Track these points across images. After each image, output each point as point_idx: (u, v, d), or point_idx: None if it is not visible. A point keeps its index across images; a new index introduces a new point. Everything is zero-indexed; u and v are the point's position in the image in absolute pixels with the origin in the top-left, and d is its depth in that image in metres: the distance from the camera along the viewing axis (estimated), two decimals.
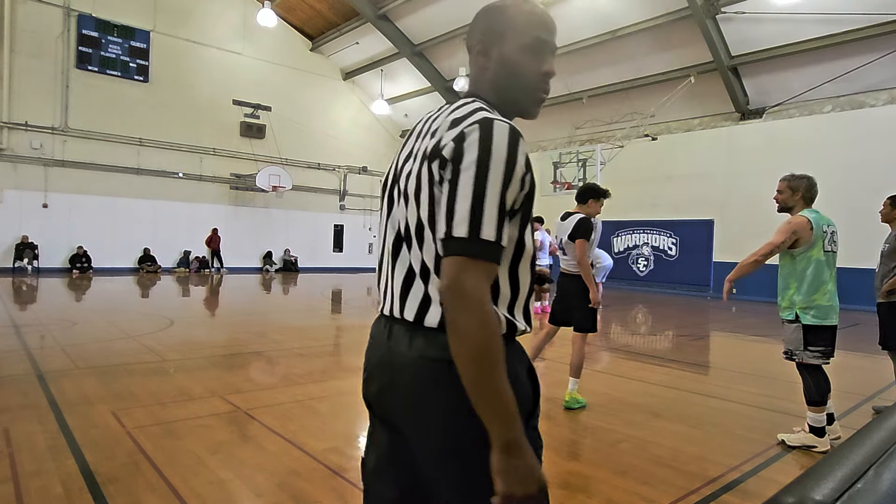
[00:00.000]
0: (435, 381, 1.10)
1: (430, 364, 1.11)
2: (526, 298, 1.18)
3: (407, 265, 1.17)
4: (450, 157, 1.06)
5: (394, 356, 1.18)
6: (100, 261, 17.55)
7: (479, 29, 1.28)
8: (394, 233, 1.21)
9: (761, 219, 14.83)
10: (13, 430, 3.54)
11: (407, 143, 1.28)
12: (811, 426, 3.69)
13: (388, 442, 1.27)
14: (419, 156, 1.16)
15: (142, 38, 18.30)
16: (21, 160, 16.25)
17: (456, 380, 1.02)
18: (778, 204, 3.99)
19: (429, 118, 1.26)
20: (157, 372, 5.33)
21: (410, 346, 1.15)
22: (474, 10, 5.50)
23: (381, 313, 1.29)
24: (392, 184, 1.26)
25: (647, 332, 9.76)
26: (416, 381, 1.13)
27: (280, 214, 21.89)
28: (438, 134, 1.12)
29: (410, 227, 1.16)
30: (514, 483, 0.99)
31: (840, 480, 0.58)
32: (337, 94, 23.51)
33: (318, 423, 3.95)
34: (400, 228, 1.19)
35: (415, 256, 1.15)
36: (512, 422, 0.99)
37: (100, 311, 9.40)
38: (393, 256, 1.22)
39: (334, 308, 11.80)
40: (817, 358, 3.65)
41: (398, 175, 1.23)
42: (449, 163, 1.06)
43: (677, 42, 15.05)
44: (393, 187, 1.25)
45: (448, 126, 1.11)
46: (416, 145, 1.21)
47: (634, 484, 3.04)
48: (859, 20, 12.29)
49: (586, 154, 16.35)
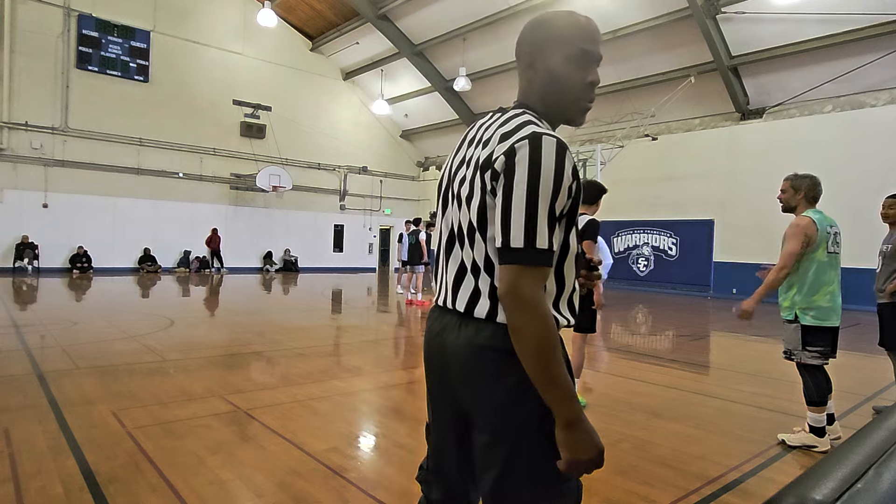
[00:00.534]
0: (479, 368, 1.22)
1: (477, 351, 1.22)
2: (570, 294, 1.27)
3: (459, 261, 1.28)
4: (502, 171, 1.15)
5: (445, 342, 1.30)
6: (100, 261, 17.56)
7: (525, 42, 1.36)
8: (448, 232, 1.32)
9: (762, 219, 14.88)
10: (13, 430, 3.54)
11: (461, 148, 1.37)
12: (811, 426, 3.69)
13: (444, 416, 1.39)
14: (472, 164, 1.26)
15: (142, 38, 18.31)
16: (21, 160, 16.26)
17: (497, 367, 1.18)
18: (781, 203, 3.87)
19: (482, 125, 1.35)
20: (157, 372, 5.33)
21: (459, 334, 1.26)
22: (474, 11, 5.64)
23: (436, 304, 1.40)
24: (447, 187, 1.37)
25: (648, 331, 9.76)
26: (463, 366, 1.25)
27: (280, 214, 21.90)
28: (490, 146, 1.22)
29: (463, 228, 1.26)
30: (578, 451, 1.12)
31: (840, 480, 0.58)
32: (337, 94, 23.52)
33: (319, 424, 3.95)
34: (454, 228, 1.30)
35: (466, 254, 1.26)
36: (572, 402, 1.12)
37: (100, 311, 9.40)
38: (447, 253, 1.33)
39: (334, 308, 11.80)
40: (816, 358, 3.64)
41: (452, 179, 1.33)
42: (501, 175, 1.15)
43: (677, 42, 15.05)
44: (448, 190, 1.35)
45: (499, 139, 1.20)
46: (469, 152, 1.31)
47: (634, 484, 3.04)
48: (860, 20, 12.29)
49: (586, 154, 16.34)
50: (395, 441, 3.65)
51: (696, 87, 15.16)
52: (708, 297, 15.69)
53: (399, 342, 7.80)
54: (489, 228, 1.19)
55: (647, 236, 17.55)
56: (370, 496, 2.81)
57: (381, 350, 7.16)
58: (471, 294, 1.24)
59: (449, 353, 1.28)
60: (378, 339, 7.91)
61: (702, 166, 16.20)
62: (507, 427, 1.19)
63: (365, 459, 3.38)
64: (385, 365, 6.22)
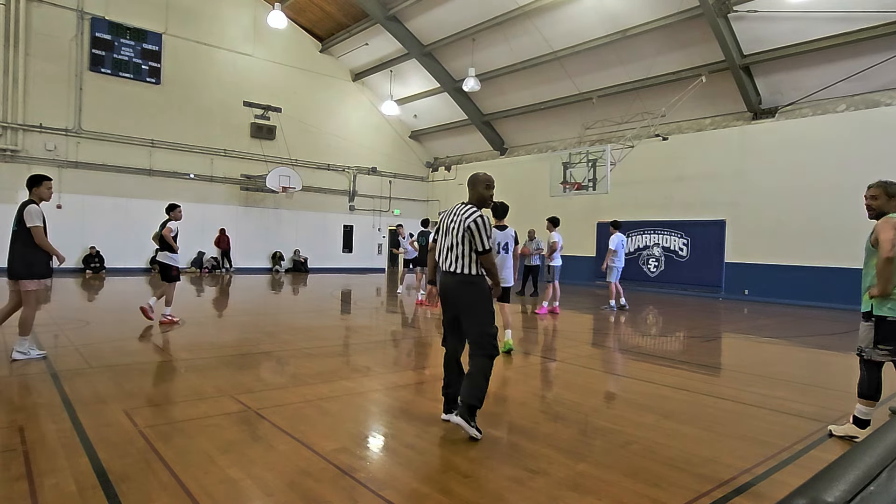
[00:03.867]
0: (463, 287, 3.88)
1: (460, 283, 3.87)
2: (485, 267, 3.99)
3: (456, 254, 3.89)
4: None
5: (449, 282, 3.89)
6: (112, 261, 17.74)
7: (470, 181, 4.10)
8: (447, 244, 3.97)
9: (774, 219, 14.74)
10: (28, 429, 3.59)
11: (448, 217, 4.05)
12: (856, 417, 3.88)
13: (451, 312, 3.98)
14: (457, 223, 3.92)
15: (154, 41, 18.49)
16: (35, 161, 16.46)
17: (470, 286, 3.86)
18: (871, 210, 4.03)
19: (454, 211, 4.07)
20: (168, 371, 5.38)
21: (454, 277, 3.86)
22: (483, 11, 5.72)
23: (443, 270, 3.95)
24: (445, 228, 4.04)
25: (658, 333, 9.69)
26: (459, 288, 3.88)
27: (290, 215, 22.01)
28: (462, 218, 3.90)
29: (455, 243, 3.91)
30: (496, 291, 4.05)
31: (853, 483, 0.58)
32: (346, 95, 23.60)
33: (328, 424, 3.96)
34: (453, 244, 3.91)
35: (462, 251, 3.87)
36: (498, 279, 4.14)
37: (112, 311, 9.50)
38: (446, 251, 3.96)
39: (343, 308, 11.84)
40: (885, 356, 3.85)
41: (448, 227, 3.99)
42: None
43: (688, 41, 14.95)
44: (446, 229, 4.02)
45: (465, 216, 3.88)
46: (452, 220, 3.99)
47: (645, 486, 3.03)
48: (873, 18, 12.13)
49: (596, 154, 16.26)
50: (404, 441, 3.65)
51: (707, 87, 15.04)
52: (719, 298, 15.56)
53: (408, 342, 7.81)
54: (468, 246, 3.84)
55: (658, 237, 17.44)
56: (379, 496, 2.82)
57: (389, 350, 7.17)
58: (462, 266, 3.85)
59: (451, 286, 3.88)
60: (387, 340, 7.92)
61: (713, 166, 16.08)
62: (469, 301, 3.88)
63: (374, 459, 3.39)
64: (394, 365, 6.23)
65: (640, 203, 17.71)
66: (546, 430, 3.99)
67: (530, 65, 18.41)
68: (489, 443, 3.67)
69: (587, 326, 10.11)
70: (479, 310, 3.81)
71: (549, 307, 10.98)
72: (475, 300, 3.82)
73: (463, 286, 3.83)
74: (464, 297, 3.83)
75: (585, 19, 16.05)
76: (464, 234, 3.78)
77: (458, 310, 3.88)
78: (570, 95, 18.68)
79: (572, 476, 3.14)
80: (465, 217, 3.80)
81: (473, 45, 18.76)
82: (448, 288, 3.90)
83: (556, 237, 11.13)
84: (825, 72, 13.61)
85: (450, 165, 25.31)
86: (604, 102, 17.71)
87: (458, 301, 3.86)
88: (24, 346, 5.57)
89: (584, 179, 16.45)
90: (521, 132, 21.95)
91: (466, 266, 3.83)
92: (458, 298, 3.86)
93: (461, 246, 3.82)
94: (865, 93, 13.46)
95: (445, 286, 3.92)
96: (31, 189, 5.64)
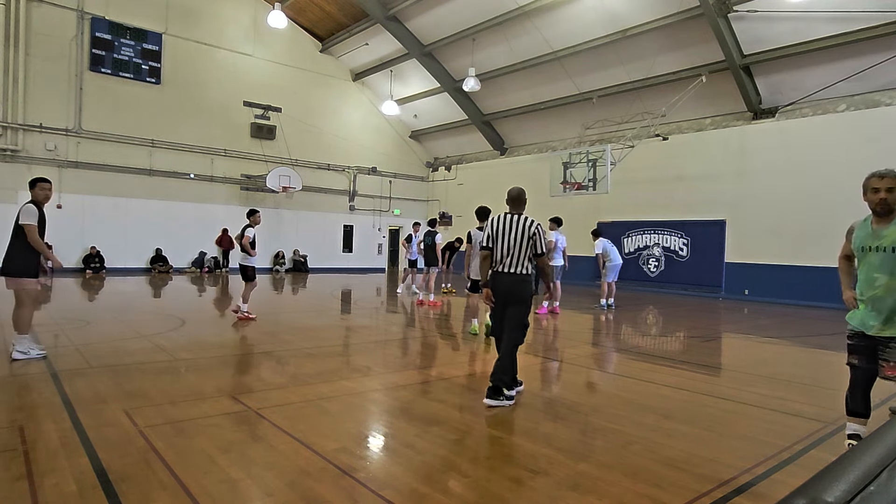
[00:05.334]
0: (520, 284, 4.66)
1: (520, 280, 4.63)
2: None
3: (515, 256, 4.64)
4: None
5: (507, 280, 4.60)
6: (112, 261, 17.74)
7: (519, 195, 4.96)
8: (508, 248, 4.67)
9: (774, 219, 14.74)
10: (28, 429, 3.59)
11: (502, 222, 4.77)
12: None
13: (503, 308, 4.70)
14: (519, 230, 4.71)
15: (154, 41, 18.49)
16: (35, 161, 16.46)
17: (524, 284, 4.64)
18: (885, 206, 3.23)
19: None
20: (168, 371, 5.38)
21: (512, 276, 4.59)
22: (483, 11, 5.72)
23: (500, 271, 4.63)
24: (501, 234, 4.75)
25: (658, 333, 9.69)
26: (516, 285, 4.63)
27: (290, 215, 22.01)
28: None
29: (517, 248, 4.66)
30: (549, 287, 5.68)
31: (853, 482, 0.57)
32: (346, 95, 23.60)
33: (328, 424, 3.96)
34: (510, 248, 4.64)
35: (521, 255, 4.64)
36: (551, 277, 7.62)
37: (112, 311, 9.50)
38: (508, 256, 4.66)
39: (344, 308, 11.84)
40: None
41: (502, 233, 4.75)
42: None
43: (688, 41, 14.94)
44: (501, 236, 4.74)
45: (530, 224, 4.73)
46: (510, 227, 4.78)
47: (645, 486, 3.03)
48: (873, 18, 12.13)
49: (596, 154, 16.25)
50: (404, 441, 3.65)
51: (707, 87, 15.04)
52: (719, 298, 15.55)
53: (408, 343, 7.81)
54: (528, 250, 4.64)
55: (658, 237, 17.43)
56: (379, 496, 2.82)
57: (390, 350, 7.17)
58: (521, 266, 4.61)
59: (506, 283, 4.61)
60: (387, 340, 7.92)
61: (713, 166, 16.07)
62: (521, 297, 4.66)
63: (374, 459, 3.39)
64: (394, 365, 6.23)
65: (640, 203, 17.70)
66: (546, 430, 3.99)
67: (530, 65, 18.41)
68: (489, 443, 3.67)
69: (587, 326, 10.10)
70: (526, 304, 4.63)
71: (549, 307, 10.98)
72: (525, 296, 4.62)
73: (519, 283, 4.58)
74: (518, 292, 4.58)
75: (585, 19, 16.04)
76: (528, 239, 4.55)
77: (509, 303, 4.61)
78: (570, 95, 18.68)
79: (572, 476, 3.14)
80: (528, 226, 4.58)
81: (473, 44, 18.75)
82: (504, 284, 4.60)
83: (554, 237, 11.10)
84: (825, 72, 13.60)
85: (450, 165, 25.31)
86: (604, 102, 17.70)
87: (511, 295, 4.59)
88: (24, 346, 5.57)
89: (584, 179, 16.45)
90: (521, 132, 21.95)
91: (523, 267, 4.58)
92: (512, 294, 4.58)
93: (522, 250, 4.55)
94: (865, 93, 13.45)
95: (502, 283, 4.60)
96: (30, 191, 5.74)
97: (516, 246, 4.55)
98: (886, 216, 3.26)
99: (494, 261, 4.65)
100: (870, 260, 3.30)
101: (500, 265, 4.61)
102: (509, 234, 4.57)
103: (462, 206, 23.67)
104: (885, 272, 3.21)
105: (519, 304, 4.59)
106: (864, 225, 3.39)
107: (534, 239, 4.56)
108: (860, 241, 3.37)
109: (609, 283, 12.12)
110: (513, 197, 4.77)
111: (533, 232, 4.56)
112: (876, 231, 3.29)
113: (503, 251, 4.59)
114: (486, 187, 22.98)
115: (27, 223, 5.50)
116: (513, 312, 4.61)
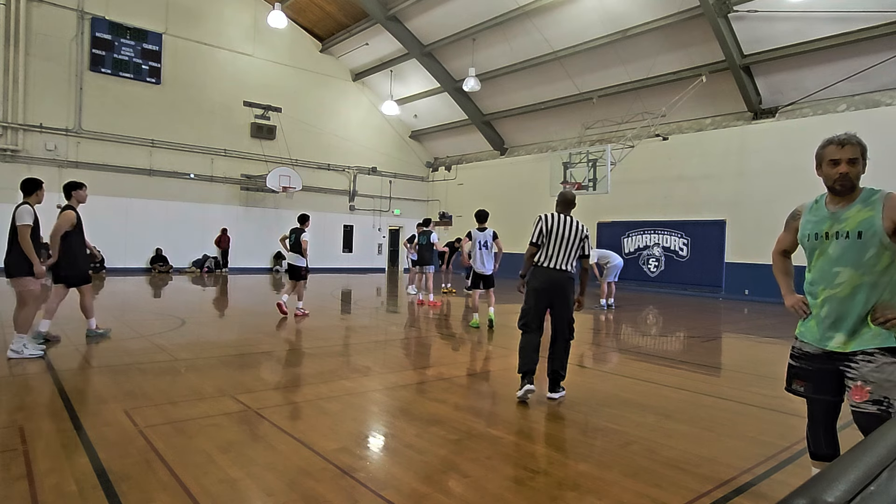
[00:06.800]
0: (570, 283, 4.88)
1: (569, 279, 4.84)
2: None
3: (566, 256, 4.84)
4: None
5: (557, 277, 4.78)
6: (112, 261, 17.73)
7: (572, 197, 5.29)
8: (562, 248, 4.85)
9: (774, 219, 14.68)
10: (28, 428, 3.59)
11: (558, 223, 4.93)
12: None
13: (547, 303, 4.88)
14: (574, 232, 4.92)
15: (154, 41, 18.49)
16: (36, 161, 16.47)
17: (571, 282, 4.86)
18: (846, 181, 2.52)
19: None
20: (168, 371, 5.38)
21: (563, 274, 4.79)
22: (483, 11, 5.71)
23: (549, 266, 4.78)
24: (558, 234, 4.91)
25: (658, 333, 9.69)
26: (565, 283, 4.81)
27: (290, 215, 21.93)
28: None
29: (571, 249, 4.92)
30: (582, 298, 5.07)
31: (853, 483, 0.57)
32: (346, 95, 23.60)
33: (328, 423, 3.96)
34: (562, 248, 4.83)
35: (572, 254, 4.87)
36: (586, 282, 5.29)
37: (112, 311, 9.49)
38: (561, 254, 4.83)
39: (343, 308, 11.84)
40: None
41: (559, 233, 4.90)
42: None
43: (688, 41, 14.94)
44: (557, 236, 4.87)
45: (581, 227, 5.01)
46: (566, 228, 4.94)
47: (645, 486, 3.02)
48: (873, 18, 12.13)
49: (596, 154, 16.26)
50: (404, 441, 3.65)
51: (707, 87, 15.04)
52: (720, 298, 15.55)
53: (408, 343, 7.80)
54: (578, 251, 4.90)
55: (658, 237, 17.44)
56: (379, 496, 2.82)
57: (390, 350, 7.17)
58: (569, 265, 4.81)
59: (557, 281, 4.77)
60: (387, 340, 7.92)
61: (713, 166, 16.08)
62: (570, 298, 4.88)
63: (374, 459, 3.39)
64: (394, 365, 6.23)
65: (640, 203, 17.71)
66: (546, 430, 3.99)
67: (530, 65, 18.41)
68: (489, 443, 3.67)
69: (587, 326, 10.10)
70: (571, 302, 4.86)
71: (606, 304, 11.44)
72: (572, 294, 4.85)
73: (569, 281, 4.82)
74: (566, 290, 4.80)
75: (585, 19, 16.04)
76: (580, 241, 4.82)
77: (556, 299, 4.79)
78: (570, 95, 18.68)
79: (572, 476, 3.14)
80: (581, 228, 4.86)
81: (473, 45, 18.75)
82: (554, 281, 4.78)
83: None
84: (825, 72, 13.60)
85: (450, 165, 25.31)
86: (604, 102, 17.70)
87: (559, 293, 4.79)
88: (19, 345, 5.56)
89: (584, 179, 16.46)
90: (521, 132, 21.95)
91: (570, 265, 4.82)
92: (560, 292, 4.79)
93: (573, 250, 4.80)
94: (865, 93, 13.45)
95: (552, 280, 4.78)
96: (28, 196, 5.82)
97: (569, 245, 4.78)
98: (847, 194, 2.52)
99: (540, 257, 4.82)
100: (826, 250, 2.51)
101: (548, 261, 4.78)
102: (564, 232, 4.78)
103: (462, 206, 23.68)
104: (849, 264, 2.43)
105: (568, 301, 4.82)
106: (815, 208, 2.62)
107: (585, 241, 4.85)
108: (812, 227, 2.58)
109: (609, 283, 12.18)
110: (568, 200, 5.04)
111: (585, 234, 4.86)
112: (834, 214, 2.51)
113: (555, 248, 4.77)
114: (487, 187, 23.00)
115: (23, 223, 5.52)
116: (563, 311, 4.82)
